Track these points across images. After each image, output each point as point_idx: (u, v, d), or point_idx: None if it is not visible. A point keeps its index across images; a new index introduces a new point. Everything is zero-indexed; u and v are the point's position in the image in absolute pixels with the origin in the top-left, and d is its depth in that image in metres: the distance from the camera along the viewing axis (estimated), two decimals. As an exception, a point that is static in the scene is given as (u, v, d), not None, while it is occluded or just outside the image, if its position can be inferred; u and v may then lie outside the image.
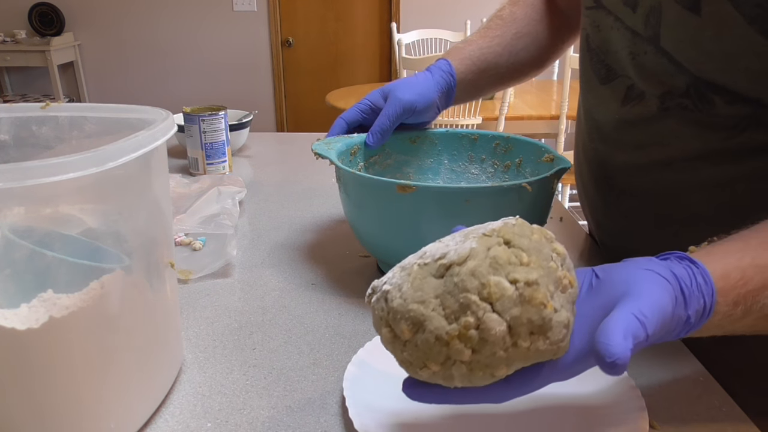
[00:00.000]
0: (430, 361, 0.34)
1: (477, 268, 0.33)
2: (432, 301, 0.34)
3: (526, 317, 0.33)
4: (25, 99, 3.88)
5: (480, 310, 0.33)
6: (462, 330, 0.33)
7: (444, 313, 0.34)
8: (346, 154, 0.69)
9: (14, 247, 0.37)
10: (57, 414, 0.38)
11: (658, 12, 0.52)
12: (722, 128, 0.52)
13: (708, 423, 0.45)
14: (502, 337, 0.33)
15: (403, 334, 0.35)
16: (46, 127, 0.49)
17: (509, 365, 0.34)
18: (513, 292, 0.33)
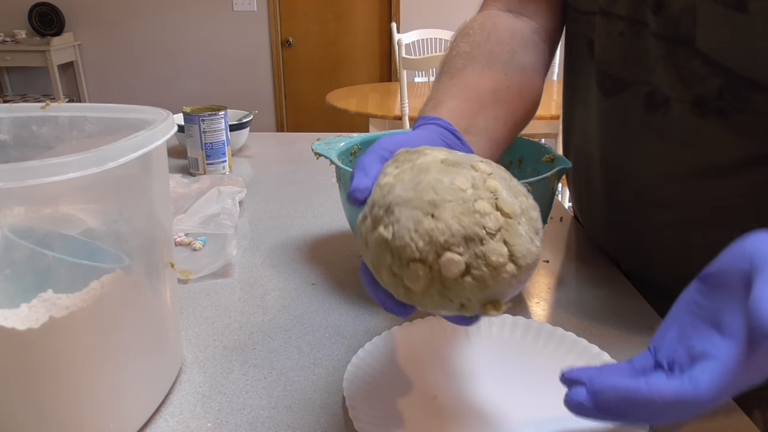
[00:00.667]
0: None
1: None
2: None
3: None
4: (25, 99, 3.88)
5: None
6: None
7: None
8: (346, 154, 0.69)
9: (14, 247, 0.37)
10: (57, 414, 0.38)
11: (691, 13, 0.51)
12: (762, 132, 0.51)
13: (708, 423, 0.45)
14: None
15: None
16: (46, 127, 0.49)
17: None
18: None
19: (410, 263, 0.32)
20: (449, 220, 0.32)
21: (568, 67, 0.69)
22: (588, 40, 0.64)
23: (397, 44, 2.68)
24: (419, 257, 0.32)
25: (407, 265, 0.32)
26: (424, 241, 0.32)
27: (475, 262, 0.32)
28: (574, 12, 0.66)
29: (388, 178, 0.35)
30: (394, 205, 0.33)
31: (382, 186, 0.35)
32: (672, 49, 0.53)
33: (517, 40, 0.61)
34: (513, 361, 0.51)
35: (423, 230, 0.32)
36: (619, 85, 0.60)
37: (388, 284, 0.34)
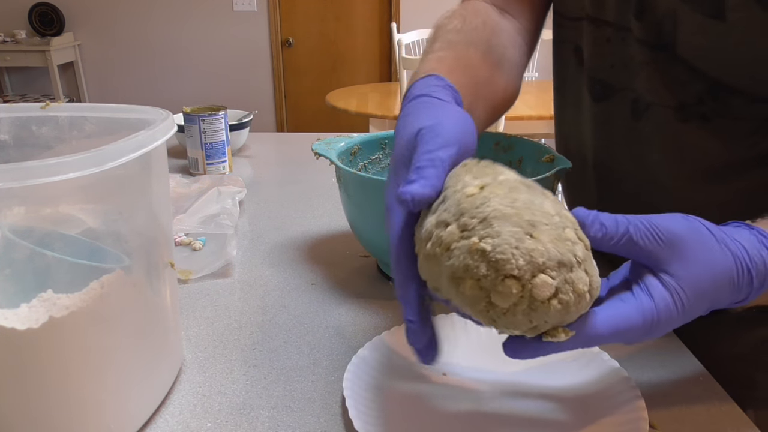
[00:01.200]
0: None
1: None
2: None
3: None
4: (25, 99, 3.88)
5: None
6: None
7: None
8: (346, 154, 0.69)
9: (14, 247, 0.37)
10: (56, 414, 0.38)
11: (672, 20, 0.52)
12: (745, 134, 0.52)
13: (708, 423, 0.45)
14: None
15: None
16: (46, 127, 0.49)
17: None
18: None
19: (506, 279, 0.32)
20: (547, 243, 0.32)
21: (558, 74, 0.70)
22: (575, 47, 0.64)
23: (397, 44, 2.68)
24: (516, 274, 0.32)
25: (502, 281, 0.32)
26: (524, 260, 0.32)
27: (563, 287, 0.32)
28: (561, 18, 0.66)
29: (472, 189, 0.35)
30: (493, 218, 0.33)
31: (470, 196, 0.35)
32: (654, 55, 0.54)
33: (506, 37, 0.62)
34: (512, 361, 0.51)
35: (524, 248, 0.32)
36: (608, 91, 0.60)
37: (468, 297, 0.33)
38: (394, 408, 0.45)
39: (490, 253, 0.32)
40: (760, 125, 0.51)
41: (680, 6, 0.50)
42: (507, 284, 0.32)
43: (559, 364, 0.50)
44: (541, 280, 0.32)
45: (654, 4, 0.53)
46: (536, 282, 0.32)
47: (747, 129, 0.52)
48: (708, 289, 0.36)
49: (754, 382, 0.60)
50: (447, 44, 0.56)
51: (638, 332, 0.35)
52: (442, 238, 0.34)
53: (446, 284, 0.34)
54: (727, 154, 0.54)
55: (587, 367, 0.49)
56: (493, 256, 0.32)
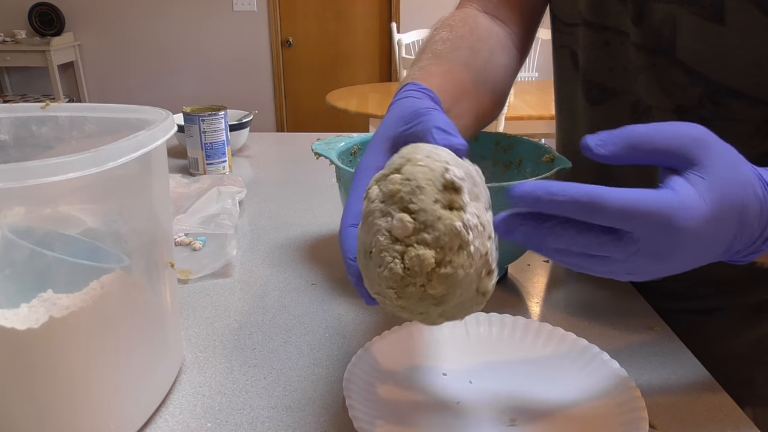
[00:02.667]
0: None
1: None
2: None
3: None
4: (25, 99, 3.88)
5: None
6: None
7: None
8: (346, 154, 0.69)
9: (14, 247, 0.37)
10: (57, 414, 0.38)
11: (671, 24, 0.52)
12: (746, 136, 0.52)
13: (708, 423, 0.45)
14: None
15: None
16: (46, 127, 0.49)
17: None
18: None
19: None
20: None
21: (557, 77, 0.70)
22: (571, 51, 0.64)
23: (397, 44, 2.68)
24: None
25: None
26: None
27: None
28: (558, 23, 0.67)
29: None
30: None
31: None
32: (653, 60, 0.54)
33: (495, 41, 0.62)
34: (512, 361, 0.51)
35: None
36: (606, 95, 0.60)
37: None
38: (394, 408, 0.45)
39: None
40: (760, 127, 0.51)
41: (679, 10, 0.50)
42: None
43: (559, 364, 0.50)
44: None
45: (652, 10, 0.53)
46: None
47: (747, 131, 0.52)
48: (736, 193, 0.33)
49: (752, 380, 0.60)
50: (432, 54, 0.56)
51: (655, 216, 0.31)
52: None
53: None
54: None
55: (587, 367, 0.49)
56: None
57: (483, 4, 0.67)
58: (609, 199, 0.31)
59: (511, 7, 0.66)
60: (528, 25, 0.68)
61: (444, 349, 0.52)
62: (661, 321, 0.58)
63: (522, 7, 0.66)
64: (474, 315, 0.55)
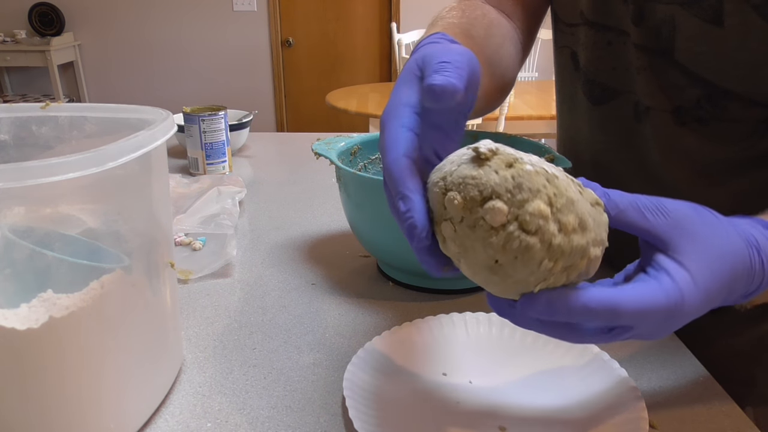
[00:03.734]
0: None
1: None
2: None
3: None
4: (25, 99, 3.88)
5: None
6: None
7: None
8: (346, 154, 0.69)
9: (14, 247, 0.37)
10: (56, 414, 0.38)
11: (671, 25, 0.52)
12: (742, 136, 0.52)
13: (708, 423, 0.45)
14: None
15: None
16: (46, 127, 0.49)
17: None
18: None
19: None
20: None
21: (558, 77, 0.71)
22: (572, 52, 0.64)
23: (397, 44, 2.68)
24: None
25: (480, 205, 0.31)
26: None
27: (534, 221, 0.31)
28: (559, 23, 0.67)
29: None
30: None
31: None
32: (652, 60, 0.54)
33: (505, 30, 0.62)
34: (512, 361, 0.51)
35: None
36: (608, 94, 0.60)
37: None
38: (394, 408, 0.45)
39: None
40: (757, 127, 0.51)
41: (679, 11, 0.51)
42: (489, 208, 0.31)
43: (559, 364, 0.50)
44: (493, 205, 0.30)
45: (652, 10, 0.53)
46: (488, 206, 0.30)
47: (744, 131, 0.52)
48: (724, 270, 0.34)
49: (753, 380, 0.60)
50: (449, 25, 0.54)
51: (662, 313, 0.32)
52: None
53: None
54: (725, 155, 0.54)
55: (587, 367, 0.49)
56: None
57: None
58: (624, 306, 0.32)
59: (515, 3, 0.66)
60: (530, 23, 0.68)
61: (444, 349, 0.52)
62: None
63: (525, 4, 0.66)
64: (474, 315, 0.55)
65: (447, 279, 0.63)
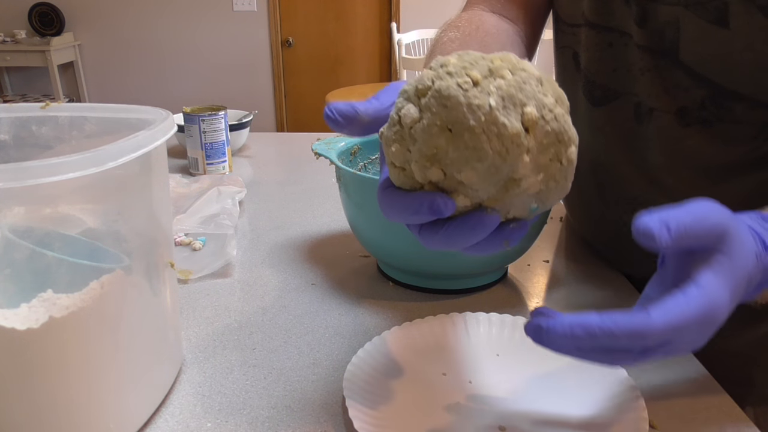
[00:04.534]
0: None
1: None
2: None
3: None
4: (25, 99, 3.88)
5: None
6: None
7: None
8: (346, 154, 0.69)
9: (14, 247, 0.37)
10: (56, 414, 0.38)
11: (675, 27, 0.52)
12: (746, 138, 0.52)
13: (708, 423, 0.45)
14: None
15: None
16: (46, 127, 0.49)
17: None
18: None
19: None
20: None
21: (559, 77, 0.71)
22: (573, 52, 0.64)
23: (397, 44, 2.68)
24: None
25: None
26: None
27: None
28: (560, 24, 0.67)
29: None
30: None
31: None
32: (656, 61, 0.54)
33: (504, 37, 0.62)
34: (512, 361, 0.51)
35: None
36: (609, 95, 0.60)
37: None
38: (394, 408, 0.45)
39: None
40: (761, 130, 0.51)
41: (683, 13, 0.50)
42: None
43: (559, 364, 0.50)
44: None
45: (656, 12, 0.53)
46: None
47: (748, 133, 0.52)
48: (745, 272, 0.35)
49: (752, 380, 0.60)
50: (441, 55, 0.56)
51: (696, 326, 0.32)
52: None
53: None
54: (729, 156, 0.54)
55: (587, 367, 0.49)
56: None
57: (490, 5, 0.67)
58: (653, 325, 0.31)
59: (518, 6, 0.66)
60: (534, 25, 0.68)
61: (444, 349, 0.52)
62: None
63: (528, 6, 0.67)
64: (474, 315, 0.55)
65: (447, 279, 0.63)
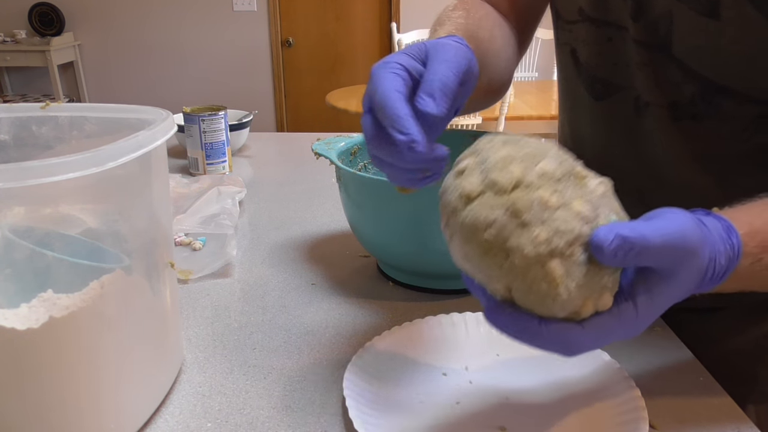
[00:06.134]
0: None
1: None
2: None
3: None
4: (25, 99, 3.88)
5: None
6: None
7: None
8: (346, 154, 0.69)
9: (14, 247, 0.37)
10: (56, 414, 0.38)
11: (668, 20, 0.52)
12: (735, 132, 0.52)
13: (708, 423, 0.45)
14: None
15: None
16: (46, 127, 0.49)
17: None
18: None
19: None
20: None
21: (560, 74, 0.71)
22: (571, 48, 0.65)
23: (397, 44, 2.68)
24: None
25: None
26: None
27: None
28: (559, 21, 0.67)
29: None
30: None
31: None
32: (652, 56, 0.55)
33: (506, 31, 0.63)
34: (512, 361, 0.51)
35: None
36: (610, 89, 0.61)
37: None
38: (394, 408, 0.45)
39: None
40: (748, 125, 0.52)
41: (676, 5, 0.51)
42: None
43: (559, 364, 0.50)
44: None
45: (650, 5, 0.53)
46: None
47: (736, 128, 0.53)
48: (683, 291, 0.36)
49: (755, 377, 0.60)
50: (456, 26, 0.55)
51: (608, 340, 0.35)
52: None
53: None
54: (721, 150, 0.54)
55: (588, 368, 0.49)
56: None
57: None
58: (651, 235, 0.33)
59: (510, 6, 0.67)
60: (523, 26, 0.68)
61: (444, 349, 0.52)
62: (661, 321, 0.58)
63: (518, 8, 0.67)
64: (474, 315, 0.55)
65: (447, 279, 0.63)
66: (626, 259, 0.32)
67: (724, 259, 0.36)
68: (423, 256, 0.60)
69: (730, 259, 0.37)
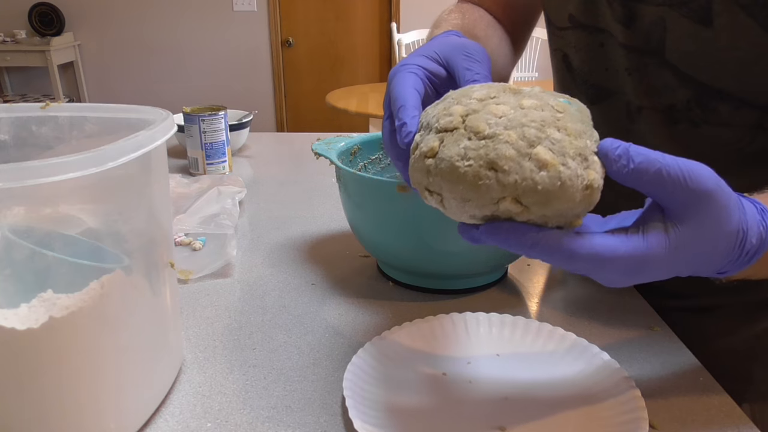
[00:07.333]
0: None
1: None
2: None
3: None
4: (25, 99, 3.88)
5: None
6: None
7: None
8: (346, 154, 0.69)
9: (14, 247, 0.37)
10: (56, 414, 0.38)
11: (661, 26, 0.52)
12: (732, 138, 0.53)
13: (708, 423, 0.45)
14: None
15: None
16: (46, 127, 0.49)
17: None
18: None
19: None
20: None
21: (555, 78, 0.71)
22: (563, 54, 0.65)
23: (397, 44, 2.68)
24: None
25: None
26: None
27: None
28: (552, 27, 0.68)
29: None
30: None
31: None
32: (644, 60, 0.55)
33: (501, 32, 0.64)
34: (512, 361, 0.51)
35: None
36: (602, 94, 0.61)
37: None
38: (394, 408, 0.45)
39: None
40: (746, 130, 0.52)
41: (669, 12, 0.51)
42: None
43: (559, 364, 0.50)
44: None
45: (642, 12, 0.53)
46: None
47: (733, 134, 0.53)
48: (707, 251, 0.35)
49: (750, 376, 0.60)
50: (452, 26, 0.58)
51: (619, 266, 0.35)
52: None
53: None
54: (722, 152, 0.54)
55: (588, 368, 0.49)
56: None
57: (479, 1, 0.68)
58: (579, 252, 0.36)
59: (503, 9, 0.67)
60: (518, 31, 0.69)
61: (444, 349, 0.52)
62: (660, 321, 0.58)
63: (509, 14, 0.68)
64: (474, 315, 0.55)
65: (447, 279, 0.63)
66: (629, 166, 0.34)
67: (756, 238, 0.36)
68: (423, 256, 0.60)
69: (763, 240, 0.36)
